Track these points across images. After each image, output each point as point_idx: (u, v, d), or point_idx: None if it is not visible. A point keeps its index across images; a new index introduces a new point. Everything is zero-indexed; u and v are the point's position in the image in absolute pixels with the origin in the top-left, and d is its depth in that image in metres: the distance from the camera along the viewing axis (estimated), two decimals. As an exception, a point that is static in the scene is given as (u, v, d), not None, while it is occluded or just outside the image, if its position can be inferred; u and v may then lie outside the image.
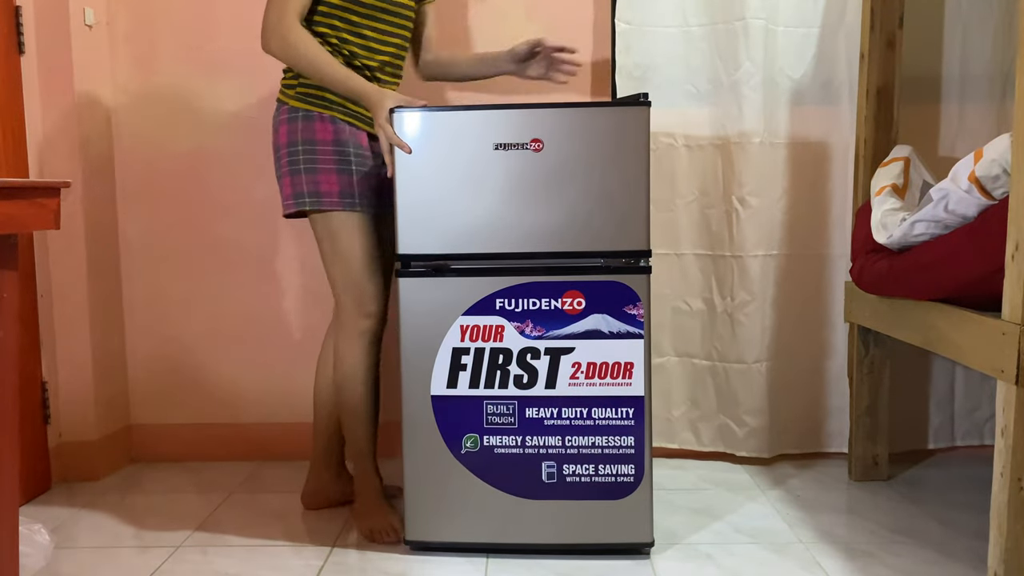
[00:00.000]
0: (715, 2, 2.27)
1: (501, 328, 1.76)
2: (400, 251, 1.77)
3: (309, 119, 1.87)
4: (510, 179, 1.74)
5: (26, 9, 2.20)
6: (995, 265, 1.49)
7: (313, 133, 1.86)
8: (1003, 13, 2.29)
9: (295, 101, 1.89)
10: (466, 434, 1.79)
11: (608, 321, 1.75)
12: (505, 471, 1.79)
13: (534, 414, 1.78)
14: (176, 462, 2.50)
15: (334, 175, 1.86)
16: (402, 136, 1.73)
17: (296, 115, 1.88)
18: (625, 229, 1.74)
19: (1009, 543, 1.43)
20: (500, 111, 1.75)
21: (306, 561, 1.82)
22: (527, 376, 1.77)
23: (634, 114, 1.71)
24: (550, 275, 1.75)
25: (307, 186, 1.86)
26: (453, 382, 1.78)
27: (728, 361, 2.36)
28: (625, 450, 1.78)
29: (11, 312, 1.27)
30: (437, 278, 1.77)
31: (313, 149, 1.86)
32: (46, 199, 1.27)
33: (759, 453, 2.37)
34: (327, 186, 1.85)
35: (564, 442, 1.78)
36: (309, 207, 1.87)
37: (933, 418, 2.43)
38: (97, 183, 2.36)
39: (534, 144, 1.73)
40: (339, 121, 1.87)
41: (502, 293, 1.76)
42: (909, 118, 2.28)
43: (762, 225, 2.31)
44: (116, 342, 2.46)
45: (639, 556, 1.80)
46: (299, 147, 1.87)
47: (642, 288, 1.75)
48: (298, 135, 1.87)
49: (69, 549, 1.90)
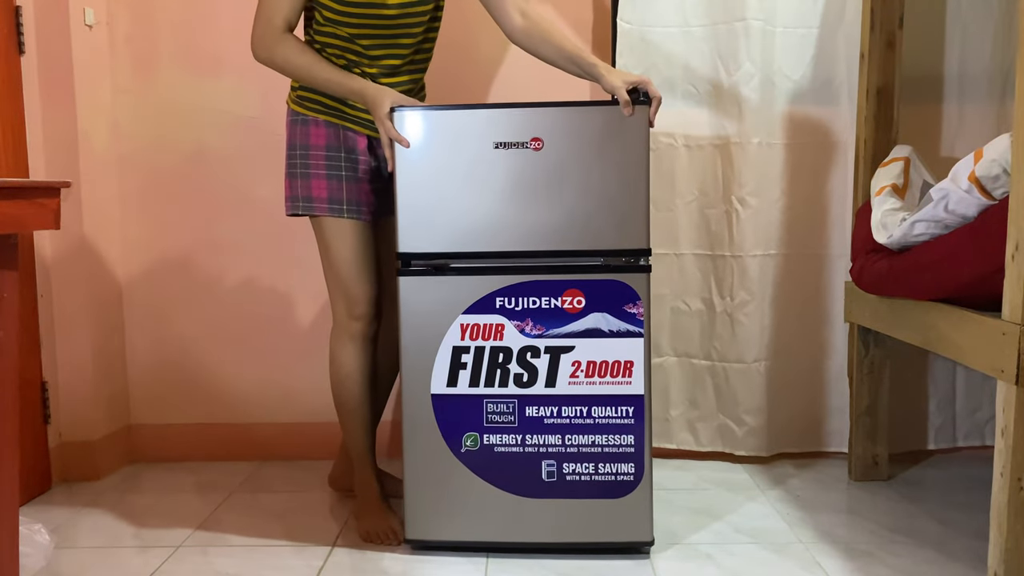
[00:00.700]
0: (715, 2, 2.27)
1: (501, 327, 1.76)
2: (400, 250, 1.77)
3: (305, 123, 1.88)
4: (510, 178, 1.74)
5: (26, 9, 2.20)
6: (995, 265, 1.49)
7: (307, 137, 1.87)
8: (1003, 13, 2.29)
9: (294, 105, 1.90)
10: (466, 433, 1.79)
11: (608, 320, 1.75)
12: (505, 470, 1.79)
13: (534, 413, 1.78)
14: (176, 462, 2.50)
15: (324, 180, 1.86)
16: (402, 135, 1.73)
17: (296, 119, 1.89)
18: (625, 228, 1.74)
19: (1009, 543, 1.43)
20: (500, 110, 1.75)
21: (306, 561, 1.82)
22: (527, 375, 1.77)
23: (634, 113, 1.71)
24: (550, 274, 1.75)
25: (300, 190, 1.88)
26: (453, 381, 1.78)
27: (727, 361, 2.36)
28: (625, 449, 1.78)
29: (11, 312, 1.27)
30: (437, 277, 1.77)
31: (307, 154, 1.87)
32: (46, 199, 1.27)
33: (758, 452, 2.37)
34: (317, 191, 1.87)
35: (564, 441, 1.78)
36: (302, 211, 1.89)
37: (934, 418, 2.43)
38: (97, 183, 2.36)
39: (534, 143, 1.73)
40: (333, 125, 1.87)
41: (502, 292, 1.76)
42: (909, 118, 2.28)
43: (761, 225, 2.31)
44: (116, 342, 2.46)
45: (638, 555, 1.80)
46: (296, 151, 1.88)
47: (642, 287, 1.75)
48: (296, 139, 1.88)
49: (69, 549, 1.90)
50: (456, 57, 2.38)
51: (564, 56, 1.86)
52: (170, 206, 2.46)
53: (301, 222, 2.05)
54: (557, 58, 1.88)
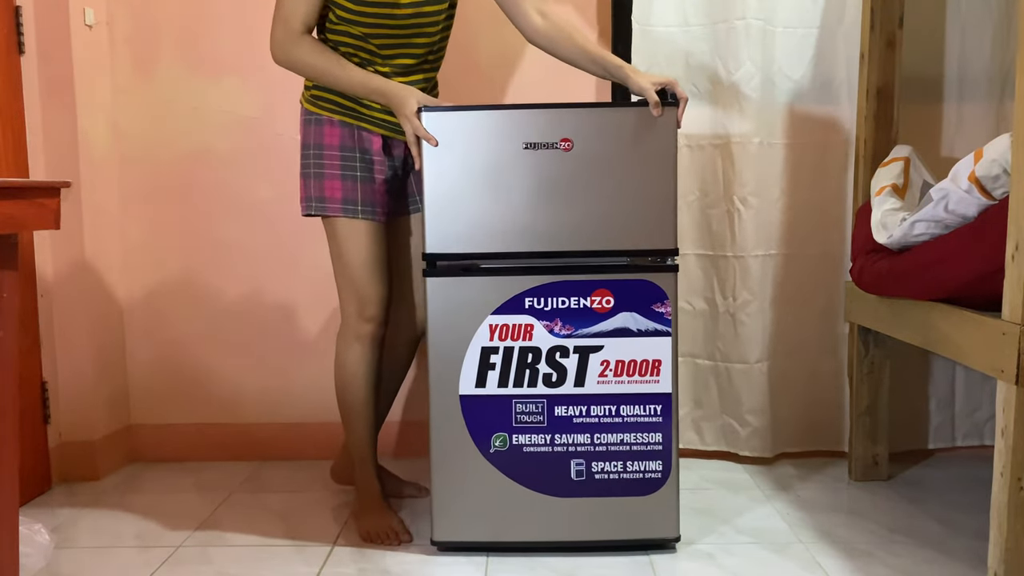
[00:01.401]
0: (715, 2, 2.27)
1: (530, 327, 1.77)
2: (427, 251, 1.77)
3: (319, 123, 1.87)
4: (539, 178, 1.74)
5: (26, 9, 2.20)
6: (995, 265, 1.49)
7: (321, 137, 1.87)
8: (1003, 13, 2.30)
9: (308, 104, 1.89)
10: (495, 433, 1.79)
11: (636, 319, 1.76)
12: (534, 470, 1.79)
13: (563, 412, 1.79)
14: (176, 462, 2.50)
15: (338, 181, 1.86)
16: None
17: (310, 118, 1.89)
18: (653, 227, 1.75)
19: (1009, 543, 1.43)
20: (530, 111, 1.75)
21: (306, 561, 1.82)
22: (556, 374, 1.78)
23: (663, 113, 1.72)
24: (579, 274, 1.76)
25: (314, 191, 1.87)
26: (482, 381, 1.78)
27: (730, 361, 2.36)
28: (653, 447, 1.79)
29: (11, 312, 1.27)
30: (466, 278, 1.77)
31: (321, 154, 1.87)
32: (46, 199, 1.27)
33: (761, 453, 2.37)
34: (331, 192, 1.86)
35: (593, 440, 1.79)
36: (315, 212, 1.89)
37: (933, 418, 2.43)
38: (97, 183, 2.36)
39: (564, 143, 1.73)
40: (348, 125, 1.87)
41: (531, 292, 1.76)
42: (909, 118, 2.28)
43: (763, 225, 2.31)
44: (116, 342, 2.46)
45: (639, 554, 1.80)
46: (311, 150, 1.88)
47: (670, 286, 1.76)
48: (311, 138, 1.88)
49: (69, 549, 1.90)
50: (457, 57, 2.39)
51: (588, 57, 1.85)
52: (170, 206, 2.46)
53: (301, 222, 2.05)
54: (581, 59, 1.87)
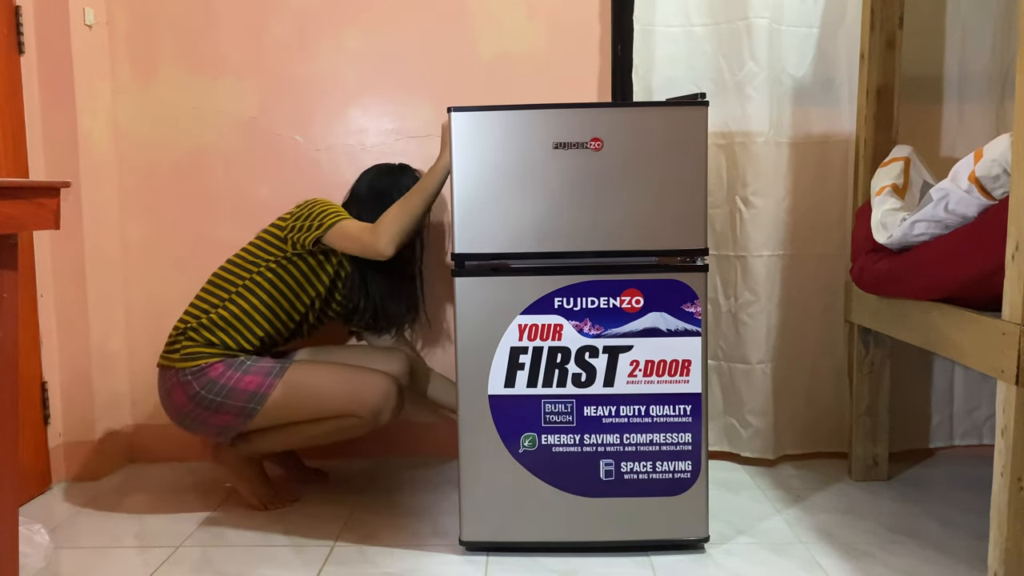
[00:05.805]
0: (718, 1, 2.27)
1: (560, 327, 1.77)
2: (456, 251, 1.77)
3: (201, 371, 1.98)
4: (569, 178, 1.74)
5: (26, 9, 2.20)
6: (995, 265, 1.49)
7: (207, 377, 1.98)
8: (1003, 13, 2.29)
9: (183, 363, 2.00)
10: (524, 433, 1.79)
11: (666, 319, 1.76)
12: (563, 470, 1.80)
13: (592, 412, 1.79)
14: (176, 462, 2.50)
15: (246, 375, 1.99)
16: (459, 136, 1.74)
17: (187, 376, 2.00)
18: (683, 227, 1.76)
19: (1009, 543, 1.43)
20: (560, 110, 1.75)
21: (306, 561, 1.82)
22: (585, 374, 1.78)
23: (693, 114, 1.74)
24: (608, 273, 1.76)
25: (245, 399, 1.97)
26: (511, 381, 1.78)
27: (733, 361, 2.36)
28: (683, 447, 1.79)
29: (11, 312, 1.26)
30: (495, 277, 1.77)
31: (215, 387, 1.97)
32: (46, 199, 1.26)
33: (764, 454, 2.36)
34: (249, 385, 1.98)
35: (622, 440, 1.79)
36: (259, 403, 1.97)
37: (933, 418, 2.43)
38: (97, 183, 2.36)
39: (594, 143, 1.73)
40: (225, 358, 2.01)
41: (561, 292, 1.76)
42: (909, 118, 2.28)
43: (766, 225, 2.30)
44: (116, 342, 2.46)
45: (640, 554, 1.80)
46: (205, 392, 1.98)
47: (699, 286, 1.76)
48: (201, 385, 1.98)
49: (69, 549, 1.90)
50: (457, 57, 2.39)
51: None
52: (170, 206, 2.46)
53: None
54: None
